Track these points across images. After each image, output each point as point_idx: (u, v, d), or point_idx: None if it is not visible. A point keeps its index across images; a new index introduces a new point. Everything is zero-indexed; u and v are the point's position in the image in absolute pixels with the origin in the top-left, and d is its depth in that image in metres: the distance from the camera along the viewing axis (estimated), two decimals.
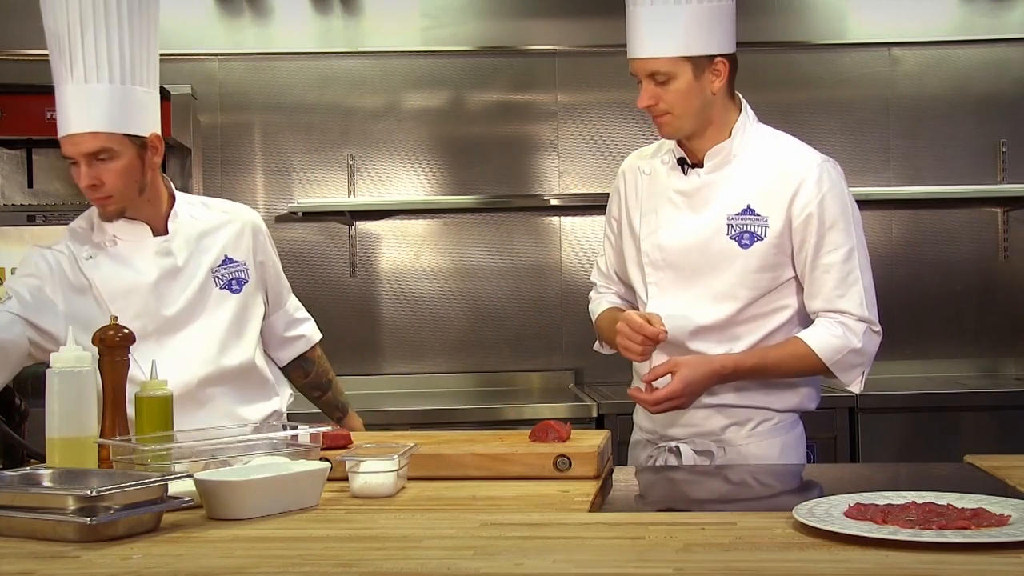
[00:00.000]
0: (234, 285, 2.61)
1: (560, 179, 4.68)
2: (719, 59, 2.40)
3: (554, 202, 4.62)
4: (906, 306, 4.64)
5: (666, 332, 2.36)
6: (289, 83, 4.65)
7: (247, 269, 2.65)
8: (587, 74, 4.65)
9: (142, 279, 2.51)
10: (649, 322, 2.37)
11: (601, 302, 2.70)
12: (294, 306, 2.84)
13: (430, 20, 4.67)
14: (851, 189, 4.52)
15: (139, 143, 2.46)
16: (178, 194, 2.63)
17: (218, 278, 2.60)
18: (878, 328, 2.45)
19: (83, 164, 2.41)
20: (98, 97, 2.40)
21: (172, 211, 2.58)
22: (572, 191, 4.62)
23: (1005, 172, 4.62)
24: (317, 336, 2.88)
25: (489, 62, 4.69)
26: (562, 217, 4.67)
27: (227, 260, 2.62)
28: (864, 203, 4.55)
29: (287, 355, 2.83)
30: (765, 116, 2.59)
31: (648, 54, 2.38)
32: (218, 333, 2.58)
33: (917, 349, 4.62)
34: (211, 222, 2.64)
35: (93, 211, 2.57)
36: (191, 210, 2.63)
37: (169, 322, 2.53)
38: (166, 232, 2.56)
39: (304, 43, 4.63)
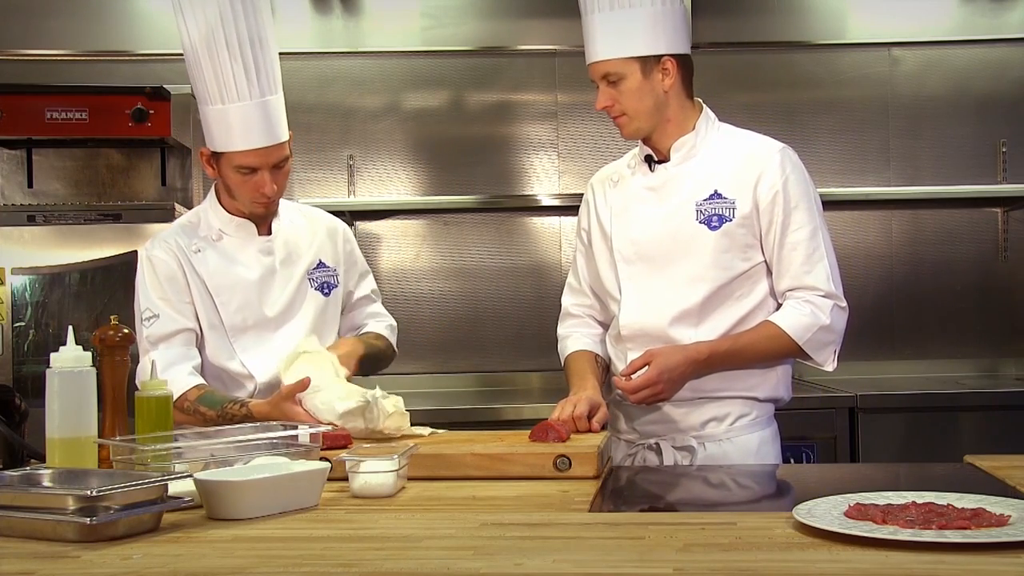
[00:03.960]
0: (325, 288, 2.76)
1: (560, 179, 4.68)
2: (666, 59, 2.50)
3: (554, 202, 4.62)
4: (906, 306, 4.64)
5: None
6: (289, 83, 4.58)
7: (337, 274, 2.78)
8: (587, 74, 4.63)
9: (246, 275, 2.67)
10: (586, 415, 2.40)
11: (567, 344, 2.72)
12: (367, 313, 2.89)
13: (430, 20, 4.67)
14: (851, 189, 4.54)
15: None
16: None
17: (312, 280, 2.74)
18: (844, 304, 2.53)
19: (268, 173, 2.59)
20: (274, 109, 2.60)
21: (277, 213, 2.74)
22: (572, 191, 4.61)
23: (1005, 172, 4.62)
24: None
25: (489, 62, 4.69)
26: (562, 217, 4.67)
27: (321, 264, 2.76)
28: (864, 203, 4.62)
29: None
30: (765, 116, 2.61)
31: (599, 57, 2.53)
32: (309, 331, 2.69)
33: (917, 349, 4.63)
34: (307, 227, 2.78)
35: (201, 207, 2.74)
36: (289, 214, 2.78)
37: (269, 320, 2.67)
38: (269, 232, 2.72)
39: (304, 43, 4.63)
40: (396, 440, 2.34)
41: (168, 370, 2.54)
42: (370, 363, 2.78)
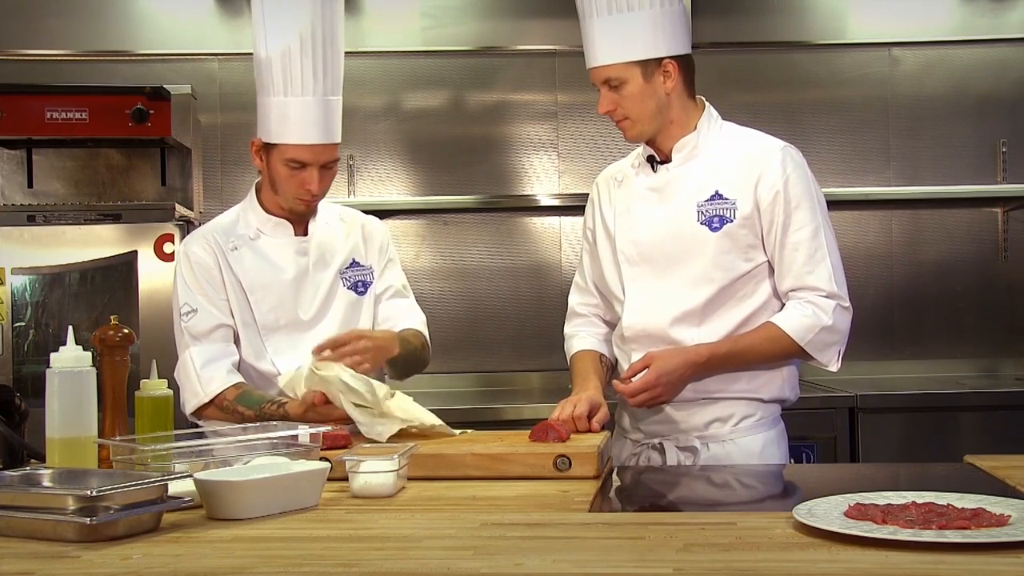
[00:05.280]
0: (360, 287, 2.76)
1: (560, 179, 4.68)
2: (667, 61, 2.49)
3: (554, 202, 4.62)
4: (906, 306, 4.64)
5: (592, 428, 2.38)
6: None
7: (372, 272, 2.78)
8: (587, 74, 4.62)
9: (281, 275, 2.67)
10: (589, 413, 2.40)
11: (572, 344, 2.73)
12: (397, 307, 2.84)
13: (430, 20, 4.67)
14: (851, 189, 4.53)
15: None
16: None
17: (345, 279, 2.74)
18: (847, 304, 2.51)
19: (316, 171, 2.60)
20: (334, 109, 2.63)
21: (315, 214, 2.74)
22: (572, 191, 4.61)
23: (1005, 172, 4.62)
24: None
25: (489, 62, 4.69)
26: (562, 217, 4.67)
27: (354, 263, 2.76)
28: (864, 203, 4.62)
29: None
30: (765, 116, 2.61)
31: (599, 62, 2.52)
32: (338, 331, 2.66)
33: (917, 349, 4.63)
34: (342, 228, 2.78)
35: (240, 205, 2.74)
36: (326, 216, 2.78)
37: (302, 322, 2.67)
38: (306, 233, 2.72)
39: None
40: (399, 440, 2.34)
41: (207, 367, 2.57)
42: (403, 365, 2.76)
